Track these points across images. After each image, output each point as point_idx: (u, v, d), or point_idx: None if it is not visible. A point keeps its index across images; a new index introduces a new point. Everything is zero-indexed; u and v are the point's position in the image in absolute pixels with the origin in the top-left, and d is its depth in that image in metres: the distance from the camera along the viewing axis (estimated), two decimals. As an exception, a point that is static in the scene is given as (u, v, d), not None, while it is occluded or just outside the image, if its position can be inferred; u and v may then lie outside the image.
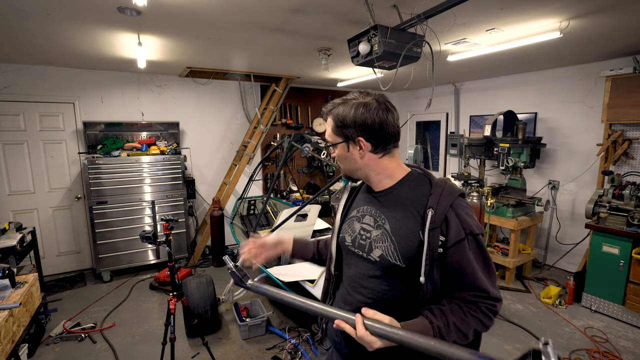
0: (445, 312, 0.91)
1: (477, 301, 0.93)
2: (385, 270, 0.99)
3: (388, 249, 0.98)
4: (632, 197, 3.15)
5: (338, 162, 1.09)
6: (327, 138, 1.08)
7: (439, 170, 5.96)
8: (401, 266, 0.96)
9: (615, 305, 3.16)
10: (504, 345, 2.82)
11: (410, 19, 2.16)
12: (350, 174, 1.09)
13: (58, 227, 4.23)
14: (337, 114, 1.02)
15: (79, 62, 3.82)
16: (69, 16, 2.37)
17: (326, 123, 1.08)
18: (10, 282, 2.17)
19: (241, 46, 3.22)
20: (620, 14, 2.37)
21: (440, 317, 0.90)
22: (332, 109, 1.04)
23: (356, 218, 1.11)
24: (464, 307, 0.92)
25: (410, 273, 0.96)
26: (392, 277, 0.99)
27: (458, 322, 0.90)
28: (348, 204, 1.18)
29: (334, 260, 1.17)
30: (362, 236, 1.06)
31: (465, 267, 0.92)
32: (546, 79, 4.27)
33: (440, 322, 0.89)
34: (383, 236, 1.00)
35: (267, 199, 3.30)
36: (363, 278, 1.04)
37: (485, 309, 0.92)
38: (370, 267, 1.03)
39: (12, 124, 3.88)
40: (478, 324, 0.92)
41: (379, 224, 1.03)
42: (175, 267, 2.52)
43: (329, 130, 1.06)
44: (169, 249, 2.30)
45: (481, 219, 3.13)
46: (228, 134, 5.20)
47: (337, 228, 1.16)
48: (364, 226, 1.07)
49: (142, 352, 2.77)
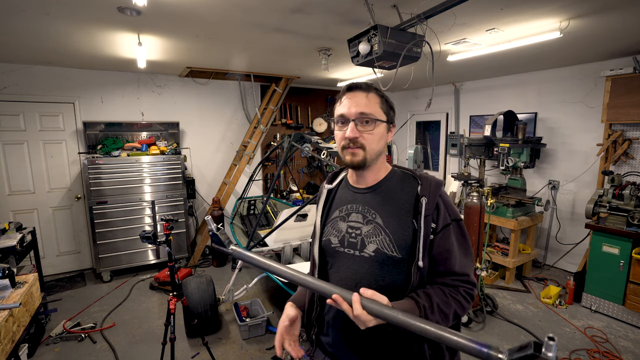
0: (430, 294, 0.95)
1: (458, 285, 0.99)
2: (380, 264, 1.00)
3: (383, 242, 0.99)
4: (632, 197, 3.15)
5: (368, 141, 0.99)
6: (371, 112, 0.99)
7: (439, 170, 5.96)
8: (397, 257, 0.98)
9: (615, 305, 3.16)
10: (504, 345, 2.81)
11: (410, 19, 2.16)
12: (371, 157, 1.02)
13: (58, 227, 4.23)
14: (384, 95, 1.04)
15: (79, 62, 3.82)
16: (69, 16, 2.37)
17: (365, 96, 1.01)
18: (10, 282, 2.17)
19: (241, 46, 3.22)
20: (620, 14, 2.37)
21: (425, 298, 0.93)
22: (373, 85, 1.04)
23: (340, 218, 1.09)
24: (446, 290, 0.97)
25: (404, 263, 0.99)
26: (385, 270, 1.00)
27: (441, 303, 0.94)
28: (327, 206, 1.15)
29: (318, 266, 1.12)
30: (350, 234, 1.05)
31: (450, 251, 0.98)
32: (546, 79, 4.27)
33: (425, 302, 0.92)
34: (376, 230, 1.01)
35: (267, 199, 3.29)
36: (356, 276, 1.02)
37: (464, 292, 0.99)
38: (363, 263, 1.02)
39: (12, 124, 3.88)
40: (458, 306, 0.97)
41: (369, 219, 1.03)
42: (175, 267, 2.52)
43: (374, 106, 1.00)
44: (169, 249, 2.30)
45: (481, 219, 3.13)
46: (228, 134, 5.20)
47: (319, 232, 1.12)
48: (351, 224, 1.06)
49: (142, 352, 2.77)
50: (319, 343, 1.15)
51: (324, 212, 1.14)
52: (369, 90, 1.02)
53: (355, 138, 0.98)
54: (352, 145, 0.99)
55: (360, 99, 1.00)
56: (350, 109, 1.00)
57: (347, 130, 0.99)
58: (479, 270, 3.07)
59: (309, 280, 0.91)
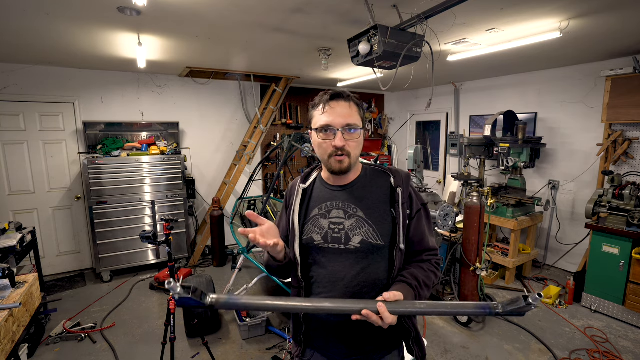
0: (413, 273, 1.07)
1: (430, 259, 1.14)
2: (366, 254, 1.08)
3: (367, 233, 1.08)
4: (632, 197, 3.15)
5: (352, 148, 1.06)
6: (355, 122, 1.06)
7: (439, 170, 5.96)
8: (381, 244, 1.08)
9: (615, 305, 3.16)
10: (504, 345, 2.82)
11: (410, 19, 2.16)
12: (354, 162, 1.10)
13: (58, 227, 4.23)
14: (358, 103, 1.10)
15: (79, 62, 3.82)
16: (69, 16, 2.37)
17: (348, 105, 1.06)
18: (10, 282, 2.17)
19: (241, 46, 3.22)
20: (620, 14, 2.37)
21: (411, 278, 1.05)
22: (350, 94, 1.09)
23: (321, 215, 1.13)
24: (424, 266, 1.12)
25: (386, 249, 1.09)
26: (371, 258, 1.08)
27: (425, 278, 1.08)
28: (305, 205, 1.17)
29: (300, 265, 1.14)
30: (334, 230, 1.10)
31: (423, 232, 1.14)
32: (546, 79, 4.27)
33: (413, 281, 1.05)
34: (359, 223, 1.09)
35: (267, 199, 3.29)
36: (344, 270, 1.08)
37: (435, 263, 1.15)
38: (350, 256, 1.08)
39: (12, 124, 3.88)
40: (434, 276, 1.13)
41: (350, 213, 1.10)
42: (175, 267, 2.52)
43: (356, 115, 1.07)
44: (169, 249, 2.30)
45: (481, 219, 3.13)
46: (228, 134, 5.20)
47: (298, 231, 1.14)
48: (333, 220, 1.11)
49: (142, 352, 2.77)
50: (307, 341, 1.18)
51: (302, 211, 1.16)
52: (349, 100, 1.07)
53: (343, 147, 1.04)
54: (339, 153, 1.05)
55: (344, 109, 1.05)
56: (337, 119, 1.04)
57: (336, 139, 1.04)
58: (479, 270, 3.08)
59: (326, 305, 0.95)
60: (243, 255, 3.28)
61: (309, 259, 1.14)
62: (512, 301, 0.89)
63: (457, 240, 3.26)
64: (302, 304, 0.96)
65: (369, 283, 1.08)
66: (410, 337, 1.11)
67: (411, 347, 1.12)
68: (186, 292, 0.84)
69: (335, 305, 0.94)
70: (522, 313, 0.88)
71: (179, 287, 0.83)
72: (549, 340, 2.87)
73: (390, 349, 1.15)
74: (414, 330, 1.11)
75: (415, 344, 1.12)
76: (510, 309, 0.88)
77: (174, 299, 0.84)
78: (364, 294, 1.07)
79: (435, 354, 2.72)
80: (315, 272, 1.13)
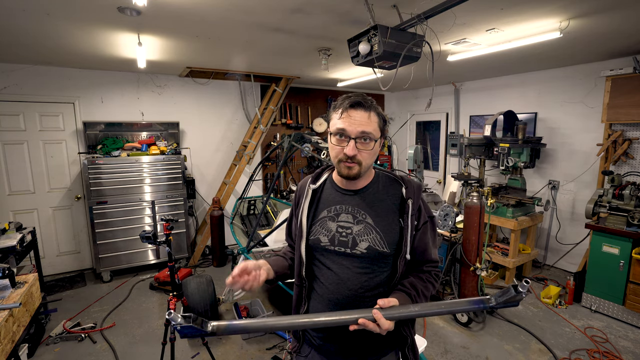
0: (413, 283, 1.10)
1: (431, 270, 1.16)
2: (371, 260, 1.09)
3: (375, 240, 1.08)
4: (632, 197, 3.15)
5: (364, 158, 1.05)
6: (372, 132, 1.04)
7: (439, 170, 5.96)
8: (387, 252, 1.09)
9: (615, 305, 3.16)
10: (504, 345, 2.82)
11: (410, 19, 2.16)
12: (365, 170, 1.08)
13: (58, 227, 4.23)
14: (380, 113, 1.09)
15: (79, 62, 3.83)
16: (69, 16, 2.37)
17: (368, 115, 1.04)
18: (10, 282, 2.17)
19: (241, 46, 3.22)
20: (620, 14, 2.37)
21: (411, 288, 1.08)
22: (373, 103, 1.07)
23: (329, 218, 1.13)
24: (423, 276, 1.14)
25: (390, 257, 1.10)
26: (375, 265, 1.10)
27: (423, 289, 1.10)
28: (313, 206, 1.17)
29: (305, 264, 1.15)
30: (341, 233, 1.10)
31: (427, 244, 1.15)
32: (546, 79, 4.27)
33: (412, 290, 1.07)
34: (366, 229, 1.09)
35: (267, 199, 3.29)
36: (348, 273, 1.09)
37: (434, 275, 1.17)
38: (355, 260, 1.09)
39: (12, 124, 3.88)
40: (432, 287, 1.15)
41: (359, 219, 1.11)
42: (175, 267, 2.52)
43: (374, 125, 1.05)
44: (169, 249, 2.30)
45: (481, 219, 3.13)
46: (228, 134, 5.20)
47: (305, 231, 1.14)
48: (341, 224, 1.11)
49: (142, 352, 2.77)
50: (305, 338, 1.20)
51: (310, 212, 1.17)
52: (370, 109, 1.05)
53: (354, 156, 1.04)
54: (349, 161, 1.05)
55: (363, 118, 1.04)
56: (352, 127, 1.03)
57: (347, 147, 1.03)
58: (479, 270, 3.08)
59: (322, 319, 0.97)
60: (243, 255, 3.28)
61: (314, 260, 1.16)
62: (503, 292, 0.91)
63: (457, 240, 3.26)
64: (299, 320, 1.00)
65: (370, 287, 1.09)
66: (407, 345, 1.14)
67: (407, 354, 1.14)
68: (187, 322, 0.87)
69: (331, 319, 0.96)
70: (516, 303, 0.89)
71: (179, 317, 0.85)
72: (549, 340, 2.87)
73: (387, 352, 1.16)
74: (410, 338, 1.14)
75: (411, 351, 1.15)
76: (503, 300, 0.90)
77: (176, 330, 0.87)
78: (365, 298, 1.08)
79: (435, 354, 2.72)
80: (319, 273, 1.14)
